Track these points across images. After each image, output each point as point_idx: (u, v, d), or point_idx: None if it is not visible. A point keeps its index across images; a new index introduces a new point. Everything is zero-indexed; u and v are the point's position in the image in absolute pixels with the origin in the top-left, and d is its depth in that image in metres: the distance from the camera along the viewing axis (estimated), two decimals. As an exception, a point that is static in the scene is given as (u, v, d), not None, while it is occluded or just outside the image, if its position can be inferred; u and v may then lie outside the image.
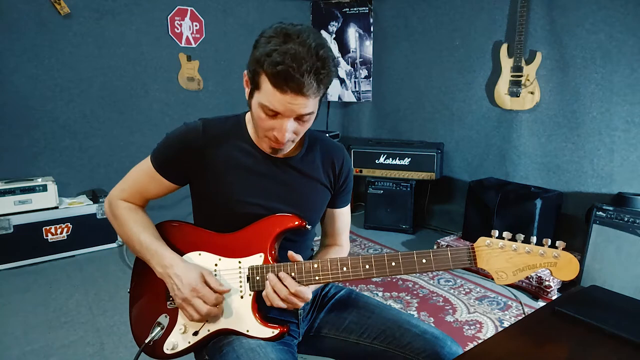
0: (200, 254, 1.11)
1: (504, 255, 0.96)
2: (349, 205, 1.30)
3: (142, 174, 1.15)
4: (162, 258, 1.07)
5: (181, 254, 1.11)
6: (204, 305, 1.03)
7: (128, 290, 1.21)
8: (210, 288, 1.04)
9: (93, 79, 3.27)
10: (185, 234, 1.15)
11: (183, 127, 1.13)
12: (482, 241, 0.97)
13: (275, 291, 1.02)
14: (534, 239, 0.95)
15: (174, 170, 1.13)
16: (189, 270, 1.05)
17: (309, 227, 1.10)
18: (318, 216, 1.25)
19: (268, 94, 0.96)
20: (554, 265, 0.93)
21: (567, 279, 0.93)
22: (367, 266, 1.01)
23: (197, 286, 1.02)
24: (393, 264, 1.00)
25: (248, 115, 1.16)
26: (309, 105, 0.98)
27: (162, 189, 1.16)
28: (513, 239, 0.96)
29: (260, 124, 1.03)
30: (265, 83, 0.96)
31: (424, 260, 0.99)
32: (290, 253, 1.05)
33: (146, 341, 1.08)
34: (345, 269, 1.02)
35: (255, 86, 1.00)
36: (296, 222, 1.08)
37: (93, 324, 2.24)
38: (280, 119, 0.99)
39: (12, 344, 2.06)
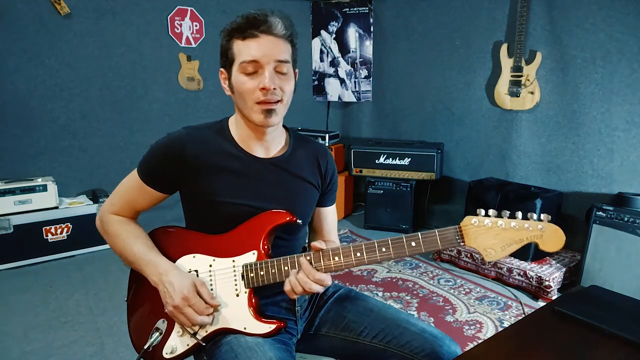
0: (194, 257, 1.11)
1: (491, 232, 0.97)
2: (335, 204, 1.34)
3: (131, 187, 1.16)
4: (157, 266, 1.08)
5: (176, 258, 1.12)
6: (194, 314, 1.03)
7: (125, 299, 1.21)
8: (202, 299, 1.05)
9: (93, 79, 3.27)
10: (178, 238, 1.16)
11: (166, 137, 1.13)
12: (468, 220, 0.98)
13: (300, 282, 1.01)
14: (519, 214, 0.96)
15: (162, 181, 1.14)
16: (183, 278, 1.05)
17: (299, 222, 1.11)
18: (308, 215, 1.26)
19: (242, 50, 1.03)
20: (540, 237, 0.95)
21: (554, 249, 0.94)
22: (359, 254, 1.02)
23: (188, 295, 1.03)
24: (383, 249, 1.01)
25: (231, 119, 1.17)
26: (283, 49, 1.05)
27: (151, 199, 1.17)
28: (499, 216, 0.97)
29: (246, 90, 1.05)
30: (236, 45, 1.04)
31: (413, 244, 1.00)
32: (314, 244, 1.05)
33: (145, 347, 1.07)
34: (337, 258, 1.03)
35: (230, 62, 1.06)
36: (287, 218, 1.09)
37: (93, 324, 2.24)
38: (260, 73, 1.03)
39: (12, 344, 2.06)
